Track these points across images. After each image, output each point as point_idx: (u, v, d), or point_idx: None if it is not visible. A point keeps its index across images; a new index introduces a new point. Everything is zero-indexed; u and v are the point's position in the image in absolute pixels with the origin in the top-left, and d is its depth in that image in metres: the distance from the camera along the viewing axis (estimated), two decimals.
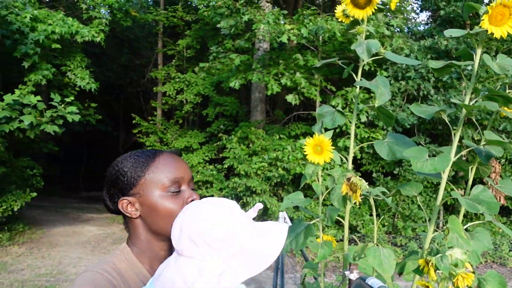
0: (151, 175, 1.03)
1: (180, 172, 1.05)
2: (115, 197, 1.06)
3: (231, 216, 0.87)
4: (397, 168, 8.41)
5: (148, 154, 1.08)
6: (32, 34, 8.37)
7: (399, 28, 9.27)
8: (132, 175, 1.04)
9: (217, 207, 0.89)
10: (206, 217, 0.86)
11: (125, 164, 1.06)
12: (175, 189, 1.03)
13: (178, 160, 1.08)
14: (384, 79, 1.69)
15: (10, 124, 6.11)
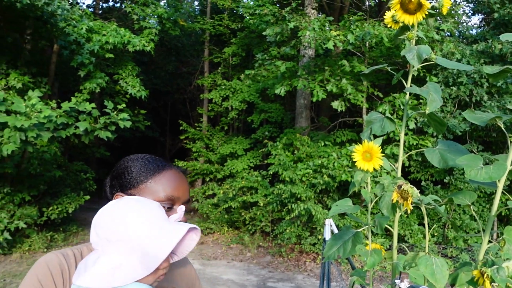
0: (152, 184, 1.09)
1: (177, 192, 1.10)
2: (114, 189, 1.13)
3: (135, 215, 0.92)
4: (448, 176, 8.11)
5: (158, 164, 1.14)
6: (87, 45, 8.80)
7: (449, 32, 8.98)
8: (136, 177, 1.10)
9: (127, 206, 0.95)
10: (110, 213, 0.93)
11: (135, 164, 1.13)
12: (167, 205, 1.08)
13: (181, 180, 1.14)
14: (436, 85, 1.65)
15: (67, 130, 6.43)
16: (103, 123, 6.69)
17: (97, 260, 0.90)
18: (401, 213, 1.55)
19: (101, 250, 0.92)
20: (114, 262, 0.89)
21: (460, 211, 7.87)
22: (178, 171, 1.16)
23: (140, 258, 0.89)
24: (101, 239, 0.92)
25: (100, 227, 0.93)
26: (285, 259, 7.93)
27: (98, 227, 0.93)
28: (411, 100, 7.63)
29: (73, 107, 6.48)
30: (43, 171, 7.82)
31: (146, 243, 0.89)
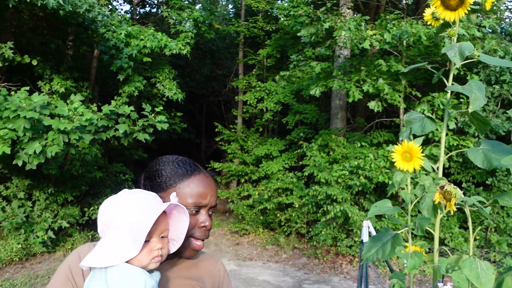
0: (181, 189, 1.13)
1: (205, 198, 1.14)
2: (146, 189, 1.16)
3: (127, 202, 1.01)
4: (490, 178, 7.82)
5: (188, 168, 1.17)
6: (126, 49, 9.04)
7: (491, 29, 8.67)
8: (166, 181, 1.15)
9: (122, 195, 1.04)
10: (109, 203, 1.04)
11: (166, 167, 1.17)
12: (194, 209, 1.13)
13: (209, 185, 1.17)
14: (479, 83, 1.60)
15: (107, 132, 6.63)
16: (141, 125, 6.85)
17: (98, 243, 1.01)
18: (443, 214, 1.51)
19: (103, 235, 1.01)
20: (110, 244, 0.98)
21: (503, 214, 7.57)
22: (206, 176, 1.19)
23: (131, 237, 0.96)
24: (102, 226, 1.02)
25: (101, 215, 1.03)
26: (321, 261, 7.86)
27: (100, 216, 1.04)
28: (451, 100, 7.41)
29: (112, 110, 6.67)
30: (85, 172, 8.09)
31: (133, 223, 0.97)
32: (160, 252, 1.01)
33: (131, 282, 0.94)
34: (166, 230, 1.05)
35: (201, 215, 1.15)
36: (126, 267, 0.96)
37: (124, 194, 1.05)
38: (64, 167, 7.57)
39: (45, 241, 6.94)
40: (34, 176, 7.18)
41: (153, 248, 1.00)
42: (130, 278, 0.95)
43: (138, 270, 0.97)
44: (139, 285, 0.94)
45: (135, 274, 0.96)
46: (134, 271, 0.96)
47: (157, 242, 1.01)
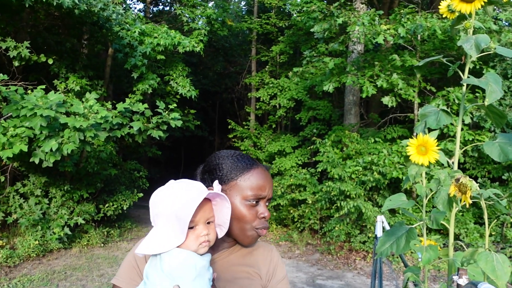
0: (241, 182, 1.21)
1: (264, 191, 1.22)
2: (206, 183, 1.24)
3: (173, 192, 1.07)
4: (507, 173, 7.71)
5: (247, 162, 1.25)
6: (140, 47, 9.11)
7: (508, 21, 8.52)
8: (227, 174, 1.22)
9: (168, 186, 1.10)
10: (157, 194, 1.09)
11: (226, 161, 1.24)
12: (253, 201, 1.20)
13: (267, 178, 1.24)
14: (495, 75, 1.58)
15: (122, 130, 6.70)
16: (155, 122, 6.90)
17: (150, 232, 1.08)
18: (458, 208, 1.50)
19: (154, 224, 1.08)
20: (160, 232, 1.05)
21: None
22: (264, 170, 1.26)
23: (177, 225, 1.03)
24: (153, 215, 1.08)
25: (151, 206, 1.09)
26: (334, 257, 7.85)
27: (150, 206, 1.09)
28: (466, 94, 7.32)
29: (127, 108, 6.73)
30: (100, 169, 8.19)
31: (178, 211, 1.03)
32: (206, 238, 1.07)
33: (183, 265, 1.01)
34: (212, 217, 1.11)
35: (260, 207, 1.22)
36: (177, 252, 1.03)
37: (170, 184, 1.11)
38: (80, 164, 7.66)
39: (61, 237, 7.05)
40: (50, 173, 7.29)
41: (200, 234, 1.06)
42: (182, 261, 1.02)
43: (189, 254, 1.03)
44: (190, 267, 1.01)
45: (186, 258, 1.02)
46: (184, 254, 1.03)
47: (203, 229, 1.07)
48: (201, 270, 1.03)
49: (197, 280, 1.01)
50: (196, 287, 1.00)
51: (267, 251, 1.31)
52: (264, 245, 1.34)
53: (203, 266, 1.04)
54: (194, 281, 1.00)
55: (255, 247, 1.31)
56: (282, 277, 1.28)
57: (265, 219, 1.22)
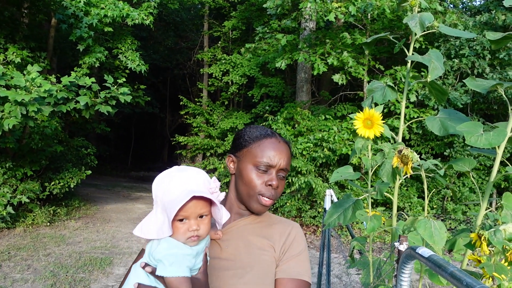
0: (253, 149, 1.26)
1: (273, 160, 1.25)
2: (229, 152, 1.34)
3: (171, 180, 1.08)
4: (448, 149, 8.14)
5: (262, 132, 1.30)
6: (86, 18, 8.69)
7: (453, 3, 8.86)
8: (243, 142, 1.29)
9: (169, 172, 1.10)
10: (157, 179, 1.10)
11: (248, 130, 1.31)
12: (263, 169, 1.24)
13: (279, 148, 1.27)
14: (438, 53, 1.65)
15: (67, 104, 6.41)
16: (104, 97, 6.66)
17: (149, 213, 1.09)
18: (401, 180, 1.57)
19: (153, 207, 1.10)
20: (153, 218, 1.07)
21: (459, 184, 7.93)
22: (279, 141, 1.29)
23: (166, 216, 1.04)
24: (154, 198, 1.10)
25: (153, 188, 1.10)
26: None
27: (153, 188, 1.10)
28: (413, 73, 7.60)
29: (73, 82, 6.44)
30: (45, 146, 7.84)
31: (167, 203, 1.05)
32: (195, 233, 1.07)
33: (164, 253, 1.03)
34: (206, 211, 1.09)
35: (268, 175, 1.24)
36: (164, 240, 1.05)
37: (172, 172, 1.11)
38: (23, 140, 7.31)
39: (3, 216, 6.74)
40: None
41: (189, 229, 1.06)
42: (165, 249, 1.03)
43: (173, 242, 1.04)
44: (170, 255, 1.03)
45: (169, 246, 1.04)
46: (169, 243, 1.04)
47: (193, 224, 1.06)
48: (181, 257, 1.03)
49: (174, 266, 1.01)
50: (170, 273, 1.01)
51: (286, 225, 1.31)
52: (286, 221, 1.33)
53: (187, 254, 1.04)
54: (171, 266, 1.01)
55: (275, 222, 1.31)
56: (298, 252, 1.26)
57: (272, 187, 1.24)
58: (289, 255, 1.24)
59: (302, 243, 1.30)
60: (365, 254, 1.75)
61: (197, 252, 1.08)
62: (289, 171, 1.32)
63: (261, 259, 1.20)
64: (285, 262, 1.23)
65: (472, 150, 1.63)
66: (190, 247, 1.06)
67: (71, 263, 5.55)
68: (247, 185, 1.23)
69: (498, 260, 1.30)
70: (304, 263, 1.26)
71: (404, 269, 1.19)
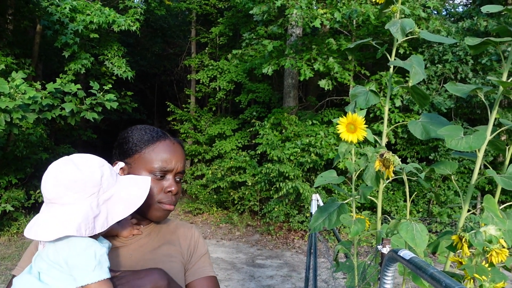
0: (146, 155, 1.15)
1: (169, 163, 1.16)
2: (115, 157, 1.20)
3: (104, 167, 1.00)
4: (433, 153, 8.24)
5: (154, 135, 1.19)
6: (71, 25, 8.64)
7: (436, 10, 8.99)
8: (132, 147, 1.17)
9: (90, 159, 1.00)
10: (82, 167, 0.96)
11: (133, 134, 1.19)
12: (159, 174, 1.15)
13: (174, 151, 1.19)
14: (419, 58, 1.68)
15: (53, 111, 6.36)
16: (89, 104, 6.62)
17: (78, 212, 0.92)
18: (385, 184, 1.59)
19: (75, 203, 0.93)
20: (94, 212, 0.94)
21: (445, 187, 8.02)
22: (172, 142, 1.20)
23: (117, 205, 0.98)
24: (75, 193, 0.93)
25: (73, 182, 0.94)
26: (274, 237, 8.04)
27: (70, 182, 0.94)
28: (397, 78, 7.69)
29: (58, 88, 6.38)
30: (30, 153, 7.75)
31: (119, 192, 0.99)
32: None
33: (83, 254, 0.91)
34: None
35: (166, 180, 1.17)
36: (78, 239, 0.92)
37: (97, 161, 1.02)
38: (7, 148, 7.21)
39: None
40: None
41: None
42: (83, 249, 0.91)
43: (89, 241, 0.93)
44: (90, 256, 0.91)
45: (87, 246, 0.92)
46: (86, 242, 0.92)
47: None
48: (100, 258, 0.92)
49: (97, 270, 0.90)
50: (95, 278, 0.90)
51: (188, 228, 1.29)
52: (185, 224, 1.31)
53: (103, 253, 0.94)
54: (94, 272, 0.90)
55: (176, 226, 1.28)
56: (203, 253, 1.27)
57: (172, 193, 1.17)
58: (196, 256, 1.25)
59: (204, 243, 1.30)
60: (351, 258, 1.76)
61: (107, 250, 0.97)
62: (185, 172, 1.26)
63: (170, 267, 1.15)
64: (193, 264, 1.23)
65: (453, 154, 1.65)
66: (102, 244, 0.96)
67: None
68: None
69: (479, 262, 1.33)
70: (208, 260, 1.28)
71: (387, 271, 1.21)
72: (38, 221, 0.94)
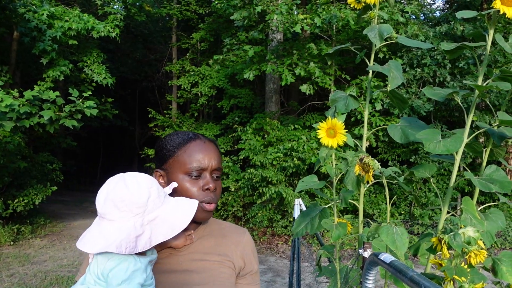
0: (179, 157, 1.17)
1: (203, 162, 1.17)
2: (156, 165, 1.23)
3: (152, 189, 1.02)
4: (413, 156, 8.35)
5: (184, 137, 1.21)
6: (49, 31, 8.52)
7: (414, 14, 9.15)
8: (166, 153, 1.19)
9: (140, 179, 1.03)
10: (132, 187, 0.99)
11: (168, 139, 1.22)
12: (195, 174, 1.16)
13: (207, 149, 1.20)
14: (397, 63, 1.70)
15: (31, 119, 6.25)
16: (69, 111, 6.52)
17: (122, 229, 0.96)
18: (366, 188, 1.60)
19: (121, 221, 0.97)
20: (138, 231, 0.97)
21: (425, 189, 8.13)
22: (203, 141, 1.22)
23: (161, 227, 1.00)
24: (122, 211, 0.97)
25: (122, 201, 0.98)
26: (258, 242, 8.02)
27: (119, 201, 0.98)
28: (378, 82, 7.79)
29: (36, 96, 6.28)
30: (7, 162, 7.59)
31: (164, 214, 1.01)
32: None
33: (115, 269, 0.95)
34: None
35: (203, 179, 1.17)
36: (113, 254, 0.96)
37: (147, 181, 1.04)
38: None
39: None
40: None
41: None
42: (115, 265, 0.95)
43: (124, 258, 0.96)
44: (120, 271, 0.94)
45: (121, 261, 0.95)
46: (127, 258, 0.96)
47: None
48: (131, 274, 0.95)
49: (123, 285, 0.94)
50: None
51: (240, 234, 1.27)
52: (237, 229, 1.30)
53: (137, 269, 0.97)
54: (120, 286, 0.94)
55: (227, 231, 1.27)
56: (255, 270, 1.25)
57: (210, 191, 1.16)
58: (246, 270, 1.24)
59: (255, 256, 1.29)
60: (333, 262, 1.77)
61: (145, 265, 1.00)
62: (223, 169, 1.28)
63: (220, 272, 1.17)
64: (241, 277, 1.23)
65: (432, 157, 1.68)
66: (140, 259, 0.99)
67: (36, 283, 5.36)
68: (184, 196, 1.14)
69: (459, 263, 1.34)
70: (257, 278, 1.27)
71: (368, 275, 1.21)
72: (89, 233, 0.99)
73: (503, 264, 1.39)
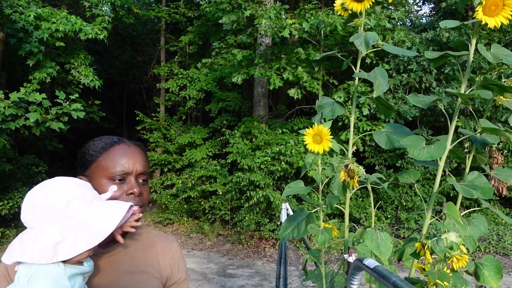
0: (101, 162, 1.13)
1: (127, 166, 1.14)
2: (78, 171, 1.18)
3: (73, 193, 0.96)
4: (400, 160, 8.44)
5: (107, 142, 1.17)
6: (36, 33, 8.44)
7: (401, 21, 9.26)
8: (88, 158, 1.15)
9: (62, 183, 0.98)
10: (49, 192, 0.94)
11: (91, 145, 1.18)
12: (119, 179, 1.13)
13: (131, 153, 1.17)
14: (382, 70, 1.73)
15: (16, 121, 6.17)
16: (55, 113, 6.45)
17: (38, 237, 0.91)
18: (351, 193, 1.62)
19: (39, 228, 0.92)
20: (56, 238, 0.90)
21: (411, 194, 8.21)
22: (128, 145, 1.18)
23: (85, 233, 0.92)
24: (39, 218, 0.92)
25: (38, 206, 0.93)
26: (245, 246, 8.02)
27: (36, 207, 0.93)
28: (365, 88, 7.87)
29: (22, 98, 6.20)
30: None
31: (87, 220, 0.94)
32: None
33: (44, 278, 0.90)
34: None
35: (127, 183, 1.14)
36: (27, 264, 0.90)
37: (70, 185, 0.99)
38: None
39: None
40: None
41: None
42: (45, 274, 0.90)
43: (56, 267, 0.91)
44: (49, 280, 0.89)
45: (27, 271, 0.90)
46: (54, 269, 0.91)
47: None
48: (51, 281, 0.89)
49: None
50: None
51: (167, 243, 1.26)
52: (165, 237, 1.28)
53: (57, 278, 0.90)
54: None
55: (155, 239, 1.24)
56: (182, 278, 1.24)
57: (134, 195, 1.13)
58: (173, 279, 1.23)
59: (184, 265, 1.28)
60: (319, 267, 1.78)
61: (71, 274, 0.93)
62: (149, 173, 1.24)
63: (147, 284, 1.14)
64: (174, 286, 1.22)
65: (416, 162, 1.71)
66: (64, 268, 0.92)
67: None
68: None
69: (442, 268, 1.37)
70: None
71: (353, 280, 1.23)
72: (12, 243, 0.94)
73: (485, 269, 1.42)
